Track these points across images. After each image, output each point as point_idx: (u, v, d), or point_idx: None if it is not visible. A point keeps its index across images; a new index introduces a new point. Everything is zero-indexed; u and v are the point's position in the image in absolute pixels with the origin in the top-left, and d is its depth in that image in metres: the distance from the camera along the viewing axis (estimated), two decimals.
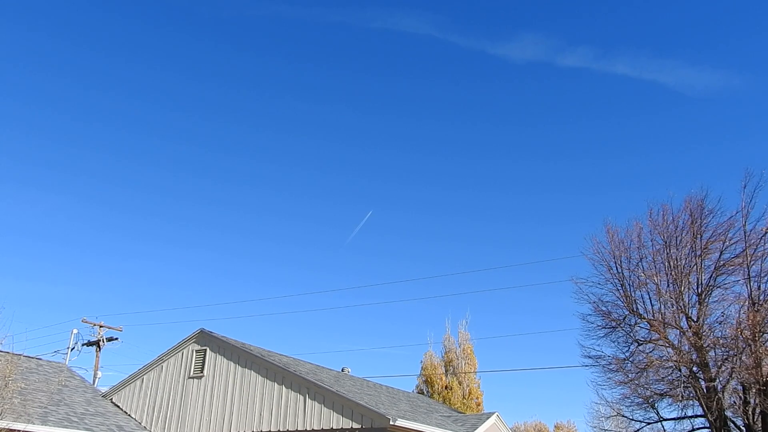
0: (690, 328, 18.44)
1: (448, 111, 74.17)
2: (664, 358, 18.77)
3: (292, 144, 76.34)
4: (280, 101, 75.27)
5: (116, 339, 33.26)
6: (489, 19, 70.74)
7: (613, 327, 20.04)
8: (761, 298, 17.75)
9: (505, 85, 74.56)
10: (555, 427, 48.68)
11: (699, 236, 18.99)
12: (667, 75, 65.09)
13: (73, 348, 32.58)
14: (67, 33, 71.04)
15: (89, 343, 33.04)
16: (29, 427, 15.92)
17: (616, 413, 21.47)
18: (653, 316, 19.07)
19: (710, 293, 18.92)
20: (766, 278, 18.00)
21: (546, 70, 69.25)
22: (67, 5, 70.64)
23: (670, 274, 19.09)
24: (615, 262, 20.07)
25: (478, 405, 34.32)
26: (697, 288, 18.97)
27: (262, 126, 76.76)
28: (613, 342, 20.19)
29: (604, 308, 20.25)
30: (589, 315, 20.56)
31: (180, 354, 21.59)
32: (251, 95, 76.50)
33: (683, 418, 19.57)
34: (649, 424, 20.22)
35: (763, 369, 16.78)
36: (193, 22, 72.87)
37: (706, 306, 18.69)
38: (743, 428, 18.11)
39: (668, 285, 19.19)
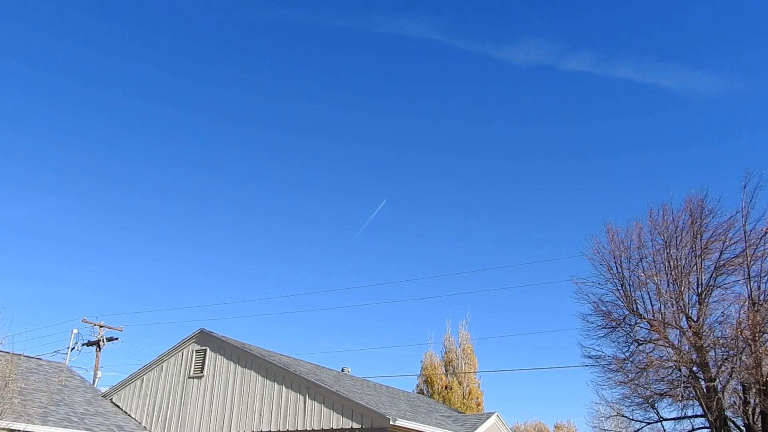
0: (690, 328, 18.43)
1: (450, 113, 74.33)
2: (664, 358, 18.76)
3: (295, 144, 76.48)
4: (283, 103, 75.48)
5: (116, 339, 33.28)
6: (493, 23, 70.91)
7: (613, 327, 20.04)
8: (761, 298, 17.74)
9: (508, 88, 74.71)
10: (555, 427, 48.64)
11: (699, 236, 18.99)
12: (669, 79, 65.17)
13: (73, 348, 32.59)
14: (67, 33, 71.12)
15: (89, 343, 33.03)
16: (29, 427, 15.92)
17: (616, 413, 21.48)
18: (653, 316, 19.06)
19: (710, 293, 18.92)
20: (766, 278, 17.99)
21: (549, 73, 69.38)
22: (67, 5, 70.71)
23: (670, 274, 19.08)
24: (615, 262, 20.08)
25: (478, 405, 34.31)
26: (697, 288, 18.96)
27: (264, 127, 76.95)
28: (613, 342, 20.20)
29: (604, 308, 20.25)
30: (589, 315, 20.58)
31: (180, 354, 21.59)
32: (255, 97, 76.73)
33: (683, 418, 19.57)
34: (649, 424, 20.22)
35: (763, 369, 16.77)
36: (199, 25, 73.10)
37: (706, 306, 18.68)
38: (743, 428, 18.10)
39: (668, 285, 19.19)
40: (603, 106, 70.60)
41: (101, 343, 32.84)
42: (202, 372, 20.57)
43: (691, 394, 18.23)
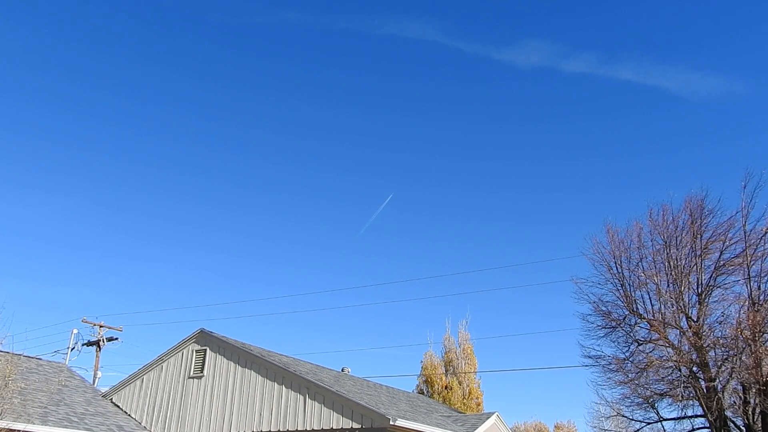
0: (690, 328, 18.44)
1: (452, 114, 74.42)
2: (664, 358, 18.76)
3: (296, 145, 76.49)
4: (286, 104, 75.53)
5: (116, 339, 33.24)
6: (494, 25, 70.97)
7: (613, 327, 20.04)
8: (761, 298, 17.74)
9: (509, 90, 74.78)
10: (555, 427, 48.67)
11: (699, 236, 18.99)
12: (670, 80, 65.20)
13: (73, 348, 32.56)
14: (68, 33, 71.12)
15: (89, 343, 33.01)
16: (29, 427, 15.91)
17: (616, 413, 21.47)
18: (653, 316, 19.06)
19: (710, 293, 18.92)
20: (766, 278, 18.00)
21: (550, 75, 69.40)
22: (67, 5, 70.70)
23: (670, 274, 19.08)
24: (615, 262, 20.08)
25: (478, 405, 34.30)
26: (697, 288, 18.96)
27: (265, 127, 77.01)
28: (613, 342, 20.21)
29: (604, 308, 20.25)
30: (589, 315, 20.59)
31: (180, 354, 21.58)
32: (257, 98, 76.80)
33: (683, 418, 19.57)
34: (649, 424, 20.22)
35: (763, 369, 16.77)
36: (201, 26, 73.15)
37: (706, 306, 18.69)
38: (743, 428, 18.10)
39: (668, 285, 19.19)
40: (604, 107, 70.72)
41: (101, 343, 32.82)
42: (202, 372, 20.57)
43: (691, 394, 18.23)
